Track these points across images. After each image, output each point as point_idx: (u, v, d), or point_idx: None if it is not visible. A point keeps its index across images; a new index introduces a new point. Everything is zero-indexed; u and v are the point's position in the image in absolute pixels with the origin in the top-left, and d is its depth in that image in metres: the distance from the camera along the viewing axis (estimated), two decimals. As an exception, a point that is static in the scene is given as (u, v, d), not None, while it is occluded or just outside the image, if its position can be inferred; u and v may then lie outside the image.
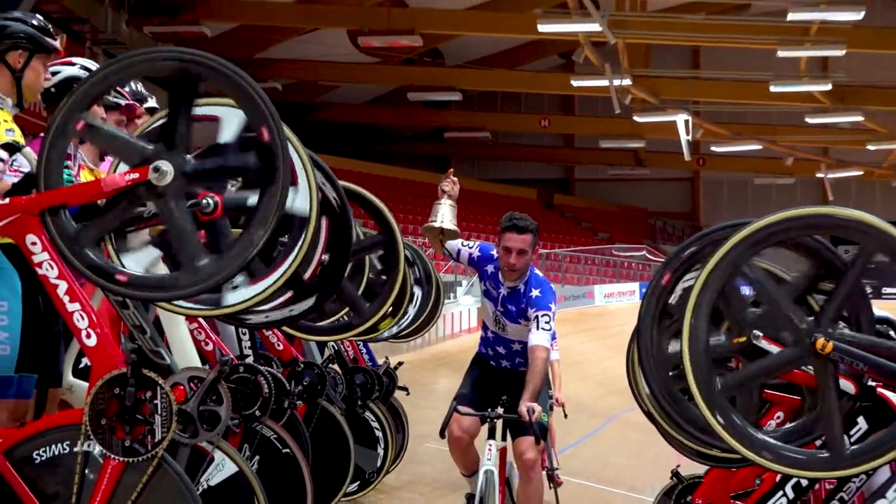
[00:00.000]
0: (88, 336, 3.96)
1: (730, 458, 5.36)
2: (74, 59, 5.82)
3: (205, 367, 4.60)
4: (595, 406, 19.62)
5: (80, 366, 5.34)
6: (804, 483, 5.03)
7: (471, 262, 6.97)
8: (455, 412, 6.54)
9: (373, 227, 6.84)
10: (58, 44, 4.94)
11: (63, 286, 3.97)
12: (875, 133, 37.68)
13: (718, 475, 6.29)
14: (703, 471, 6.53)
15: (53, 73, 5.49)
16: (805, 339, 3.93)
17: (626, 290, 38.94)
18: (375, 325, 6.77)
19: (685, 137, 35.05)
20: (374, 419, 8.97)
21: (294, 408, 6.08)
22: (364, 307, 6.17)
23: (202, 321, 5.44)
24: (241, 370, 5.36)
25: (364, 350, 9.73)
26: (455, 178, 6.84)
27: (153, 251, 3.99)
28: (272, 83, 33.90)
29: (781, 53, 28.69)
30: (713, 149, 42.48)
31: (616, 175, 49.94)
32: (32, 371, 4.67)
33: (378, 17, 31.05)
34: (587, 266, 42.26)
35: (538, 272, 6.92)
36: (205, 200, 3.81)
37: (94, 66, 5.35)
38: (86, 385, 4.83)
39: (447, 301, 21.37)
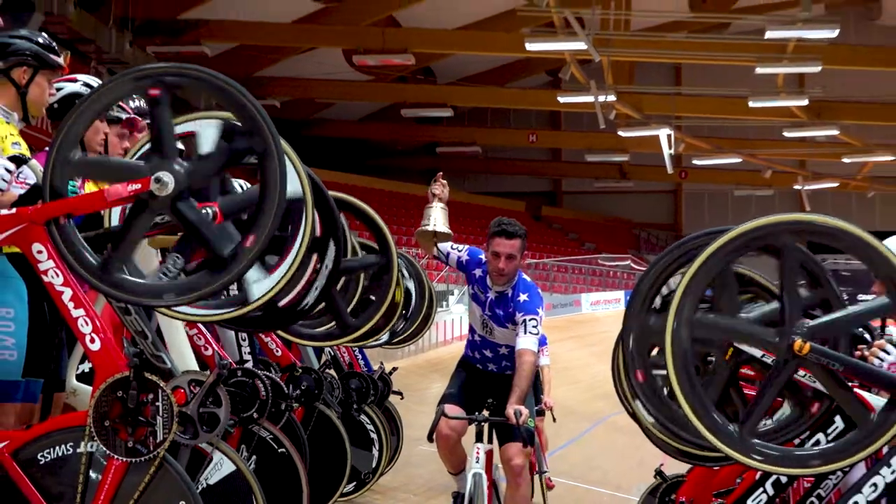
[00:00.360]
0: (93, 341, 3.95)
1: (712, 457, 5.35)
2: (77, 76, 5.83)
3: (205, 372, 4.59)
4: (582, 410, 19.57)
5: (79, 371, 5.33)
6: (783, 480, 5.01)
7: (459, 266, 6.85)
8: (443, 416, 6.45)
9: (369, 237, 6.82)
10: (61, 60, 4.95)
11: (68, 293, 3.96)
12: (850, 146, 37.76)
13: (701, 474, 6.29)
14: (686, 470, 6.53)
15: (57, 90, 5.50)
16: (787, 336, 3.89)
17: (612, 298, 39.00)
18: (368, 334, 6.76)
19: (668, 151, 35.08)
20: (370, 422, 8.98)
21: (291, 410, 6.07)
22: (349, 322, 6.12)
23: (202, 327, 5.43)
24: (240, 374, 5.35)
25: (359, 356, 9.74)
26: (445, 182, 6.72)
27: (153, 258, 3.98)
28: (270, 100, 33.87)
29: (760, 70, 28.74)
30: (695, 162, 42.58)
31: (601, 188, 49.95)
32: (38, 376, 4.67)
33: (372, 37, 31.06)
34: (574, 275, 42.28)
35: (526, 277, 6.79)
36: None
37: (96, 83, 5.35)
38: (88, 389, 4.84)
39: (440, 309, 21.36)
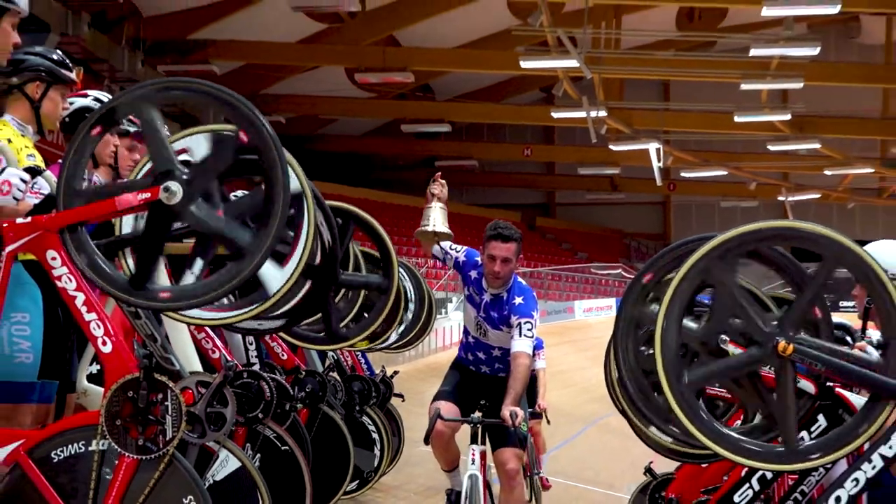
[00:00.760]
0: (104, 343, 3.94)
1: (699, 455, 5.36)
2: (88, 92, 5.84)
3: (213, 374, 4.59)
4: (576, 412, 19.56)
5: (89, 372, 5.32)
6: (769, 476, 5.02)
7: (456, 266, 6.71)
8: (439, 417, 6.27)
9: (371, 247, 6.82)
10: (74, 76, 4.95)
11: (81, 298, 3.95)
12: (831, 159, 37.74)
13: (689, 471, 6.28)
14: (675, 467, 6.52)
15: (70, 104, 5.50)
16: (768, 342, 3.91)
17: (604, 305, 38.96)
18: (370, 339, 6.77)
19: (657, 164, 35.09)
20: (372, 423, 8.95)
21: (296, 411, 6.05)
22: (338, 332, 6.09)
23: (209, 331, 5.42)
24: (246, 376, 5.34)
25: (362, 359, 9.73)
26: (443, 182, 6.56)
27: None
28: (276, 117, 33.92)
29: (744, 86, 28.75)
30: (683, 174, 42.58)
31: (593, 199, 49.98)
32: (53, 378, 4.66)
33: (374, 56, 31.13)
34: (567, 283, 42.28)
35: (521, 280, 6.63)
36: None
37: (107, 98, 5.36)
38: (99, 389, 4.83)
39: (439, 316, 21.34)
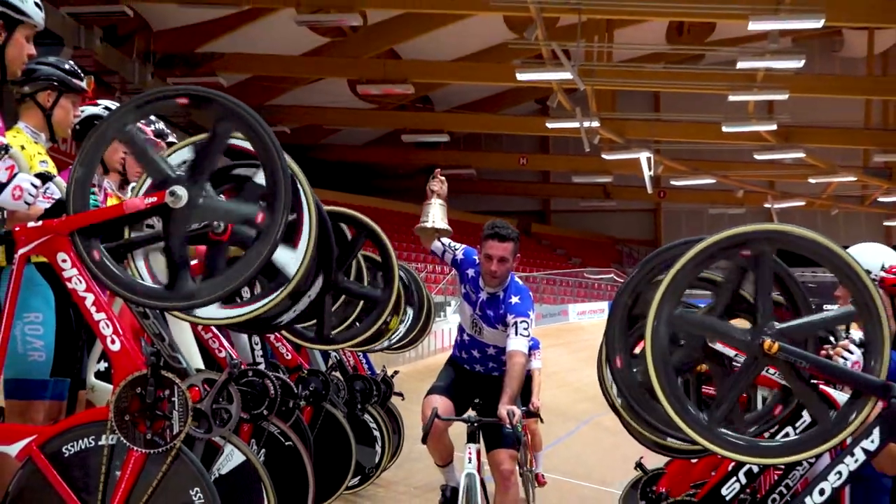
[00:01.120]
0: (113, 342, 3.94)
1: (688, 450, 5.34)
2: (99, 101, 5.86)
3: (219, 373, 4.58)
4: (570, 411, 19.56)
5: (96, 369, 5.32)
6: (755, 470, 5.00)
7: (453, 264, 6.55)
8: (437, 417, 6.10)
9: (373, 251, 6.80)
10: (84, 85, 4.95)
11: (90, 298, 3.96)
12: (816, 168, 37.72)
13: (679, 467, 6.26)
14: (665, 463, 6.51)
15: (81, 113, 5.51)
16: (757, 337, 3.87)
17: (597, 308, 38.92)
18: (371, 339, 6.74)
19: (648, 173, 35.11)
20: (373, 421, 8.93)
21: (300, 409, 6.04)
22: (328, 336, 6.06)
23: (216, 331, 5.41)
24: (251, 374, 5.33)
25: (364, 360, 9.71)
26: (443, 178, 6.38)
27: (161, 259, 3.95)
28: (281, 127, 33.90)
29: (732, 98, 28.74)
30: (672, 183, 42.50)
31: (587, 207, 49.95)
32: (65, 375, 4.65)
33: (375, 69, 31.15)
34: (562, 287, 42.23)
35: (518, 280, 6.46)
36: (216, 222, 3.80)
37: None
38: (105, 386, 4.83)
39: (438, 319, 21.31)
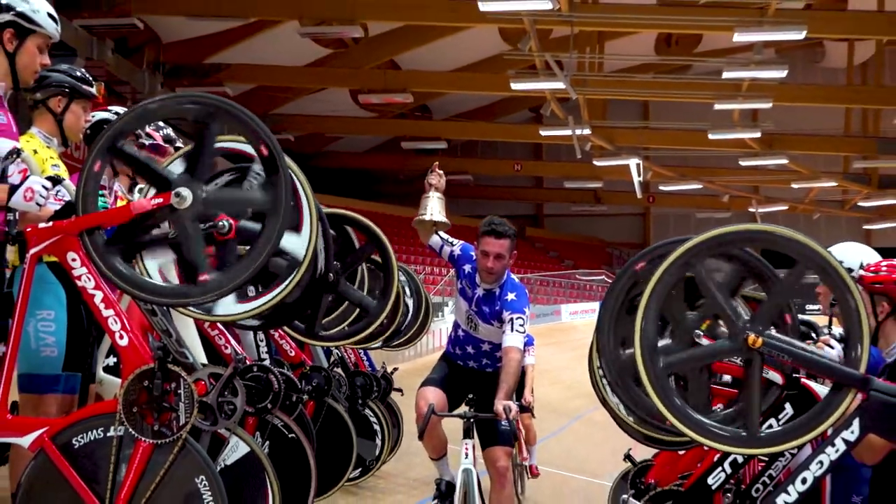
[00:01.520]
0: (121, 337, 3.95)
1: (675, 442, 5.34)
2: (110, 107, 5.86)
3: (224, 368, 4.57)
4: (562, 407, 19.56)
5: (105, 363, 5.31)
6: (739, 460, 5.01)
7: (451, 259, 6.38)
8: (433, 414, 5.92)
9: (374, 253, 6.80)
10: (94, 90, 4.95)
11: (99, 295, 3.96)
12: (798, 174, 37.75)
13: (667, 458, 6.28)
14: (653, 454, 6.51)
15: (92, 118, 5.51)
16: (740, 335, 3.89)
17: (589, 309, 38.89)
18: (371, 337, 6.75)
19: (637, 178, 35.08)
20: (373, 415, 8.93)
21: (303, 403, 6.04)
22: (317, 332, 6.12)
23: (221, 327, 5.40)
24: (255, 370, 5.32)
25: (364, 357, 9.71)
26: (441, 171, 6.23)
27: (169, 255, 3.95)
28: (285, 135, 33.86)
29: (718, 106, 28.78)
30: (661, 188, 42.60)
31: (578, 211, 49.93)
32: (77, 370, 4.64)
33: (375, 79, 31.14)
34: (555, 288, 42.26)
35: (514, 277, 6.25)
36: (221, 222, 3.79)
37: None
38: (114, 379, 4.82)
39: (436, 319, 21.28)
